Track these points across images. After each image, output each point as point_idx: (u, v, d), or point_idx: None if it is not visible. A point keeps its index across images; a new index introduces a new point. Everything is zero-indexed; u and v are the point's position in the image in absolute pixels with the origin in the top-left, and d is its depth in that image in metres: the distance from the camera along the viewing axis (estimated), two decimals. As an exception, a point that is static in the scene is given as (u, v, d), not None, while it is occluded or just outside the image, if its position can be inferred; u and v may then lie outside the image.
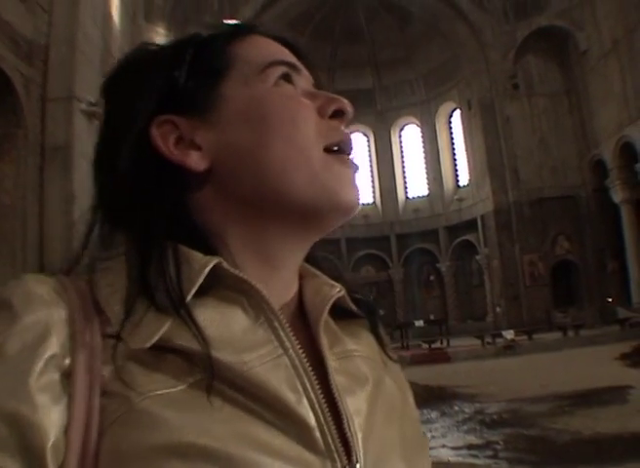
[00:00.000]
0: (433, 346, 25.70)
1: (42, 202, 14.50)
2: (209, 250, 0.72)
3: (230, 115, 0.76)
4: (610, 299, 29.69)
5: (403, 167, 42.33)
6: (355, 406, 0.72)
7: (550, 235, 32.54)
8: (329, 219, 0.79)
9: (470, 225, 36.39)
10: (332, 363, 0.73)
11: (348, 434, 0.68)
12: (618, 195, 29.25)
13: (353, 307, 0.84)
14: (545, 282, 32.19)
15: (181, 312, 0.65)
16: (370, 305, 0.89)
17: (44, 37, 16.07)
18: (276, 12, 34.14)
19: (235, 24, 0.87)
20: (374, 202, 41.81)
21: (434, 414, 11.85)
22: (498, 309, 33.22)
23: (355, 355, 0.79)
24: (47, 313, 0.64)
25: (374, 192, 42.03)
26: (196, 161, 0.75)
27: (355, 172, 0.82)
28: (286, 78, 0.80)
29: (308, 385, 0.68)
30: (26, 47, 15.21)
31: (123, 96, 0.78)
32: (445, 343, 27.18)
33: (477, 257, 36.14)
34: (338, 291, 0.80)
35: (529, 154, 33.15)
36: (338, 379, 0.72)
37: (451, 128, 40.35)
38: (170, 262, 0.69)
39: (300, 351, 0.70)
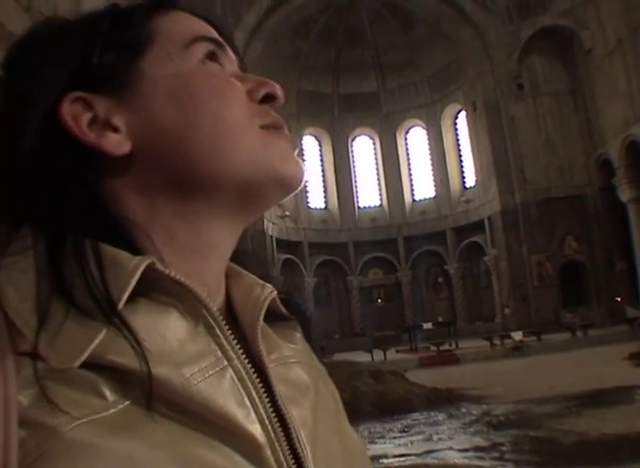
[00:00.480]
0: (442, 348, 25.60)
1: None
2: (131, 245, 0.64)
3: (152, 93, 0.69)
4: (619, 299, 29.60)
5: (409, 169, 42.31)
6: (301, 417, 0.67)
7: (558, 235, 32.46)
8: (270, 196, 0.73)
9: (477, 227, 36.35)
10: (272, 371, 0.67)
11: (299, 449, 0.64)
12: (625, 194, 29.16)
13: (283, 309, 0.78)
14: (554, 282, 32.12)
15: (115, 321, 0.56)
16: (299, 307, 0.84)
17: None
18: (280, 17, 34.23)
19: None
20: (380, 204, 41.83)
21: (441, 417, 11.84)
22: (506, 310, 33.16)
23: (292, 361, 0.74)
24: None
25: (380, 195, 42.04)
26: (115, 143, 0.66)
27: (295, 146, 0.75)
28: (212, 57, 0.74)
29: (257, 399, 0.62)
30: (30, 56, 15.32)
31: (29, 70, 0.68)
32: (453, 345, 27.08)
33: (485, 259, 36.09)
34: (270, 291, 0.74)
35: (535, 154, 33.10)
36: (280, 389, 0.66)
37: (456, 129, 40.31)
38: (91, 262, 0.59)
39: (246, 361, 0.64)
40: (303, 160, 0.75)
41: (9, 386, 0.53)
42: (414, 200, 41.65)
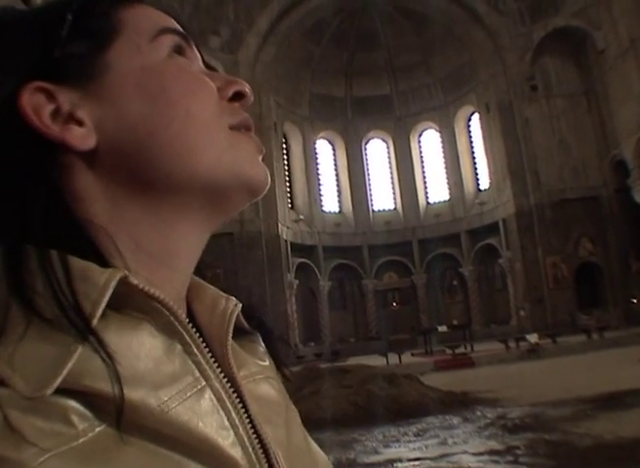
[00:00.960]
0: (457, 351, 25.54)
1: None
2: (96, 253, 0.59)
3: (120, 86, 0.65)
4: (634, 300, 29.45)
5: (423, 172, 42.29)
6: (276, 436, 0.65)
7: (573, 237, 32.34)
8: (236, 200, 0.70)
9: (492, 229, 36.27)
10: (244, 388, 0.64)
11: None
12: (640, 195, 29.05)
13: (245, 324, 0.75)
14: (569, 284, 31.99)
15: (90, 340, 0.51)
16: (260, 319, 0.81)
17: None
18: (292, 21, 34.31)
19: None
20: (395, 208, 41.82)
21: (456, 420, 11.81)
22: (521, 313, 33.07)
23: (259, 378, 0.71)
24: None
25: (394, 198, 42.04)
26: (79, 137, 0.62)
27: (260, 150, 0.73)
28: (178, 51, 0.71)
29: (237, 419, 0.60)
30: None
31: None
32: (469, 348, 27.01)
33: (500, 261, 36.00)
34: (235, 304, 0.71)
35: (549, 156, 33.01)
36: (253, 407, 0.63)
37: (470, 131, 40.27)
38: (57, 272, 0.54)
39: (225, 380, 0.61)
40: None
41: None
42: (428, 203, 41.62)
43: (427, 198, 41.83)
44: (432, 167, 42.20)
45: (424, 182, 42.14)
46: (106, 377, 0.51)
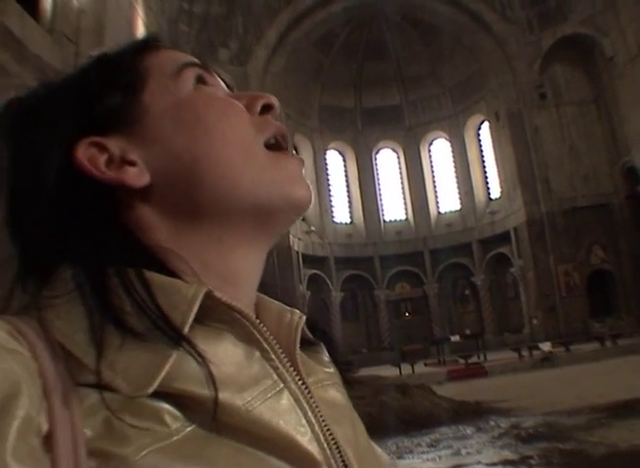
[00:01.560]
0: (470, 361, 25.45)
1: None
2: (173, 274, 0.65)
3: (159, 124, 0.72)
4: (649, 307, 29.33)
5: (434, 181, 42.27)
6: (345, 435, 0.69)
7: (585, 244, 32.24)
8: (282, 218, 0.76)
9: (504, 238, 36.20)
10: (315, 393, 0.69)
11: (350, 466, 0.67)
12: (651, 201, 28.97)
13: (309, 334, 0.81)
14: (581, 292, 31.86)
15: (184, 346, 0.58)
16: (326, 333, 0.87)
17: (71, 68, 16.34)
18: (301, 32, 34.44)
19: (139, 39, 0.82)
20: (406, 218, 41.79)
21: (470, 430, 11.75)
22: (534, 321, 32.95)
23: (327, 384, 0.76)
24: (10, 365, 0.53)
25: (405, 208, 42.00)
26: (135, 176, 0.69)
27: (301, 167, 0.78)
28: (201, 81, 0.77)
29: (312, 418, 0.65)
30: (55, 78, 15.51)
31: (33, 134, 0.71)
32: (482, 358, 26.92)
33: (512, 270, 35.91)
34: (299, 317, 0.76)
35: (559, 163, 32.96)
36: (323, 410, 0.68)
37: (480, 140, 40.24)
38: (139, 290, 0.61)
39: (300, 382, 0.67)
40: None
41: (74, 418, 0.54)
42: (439, 212, 41.59)
43: (438, 208, 41.79)
44: (443, 176, 42.17)
45: (435, 192, 42.11)
46: (197, 380, 0.57)
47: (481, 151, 40.21)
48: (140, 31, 22.19)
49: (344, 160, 42.03)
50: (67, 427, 0.53)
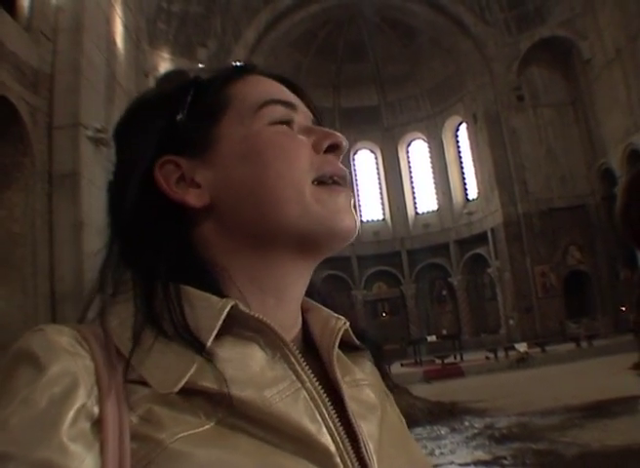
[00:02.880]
0: (447, 361, 25.54)
1: (51, 229, 14.61)
2: (216, 286, 0.76)
3: (227, 154, 0.80)
4: (623, 308, 29.46)
5: (411, 182, 42.28)
6: (369, 430, 0.76)
7: (561, 245, 32.39)
8: (325, 247, 0.84)
9: (481, 238, 36.29)
10: (346, 391, 0.78)
11: (366, 457, 0.73)
12: (627, 203, 29.06)
13: (355, 339, 0.89)
14: (558, 293, 31.99)
15: (204, 355, 0.68)
16: (374, 340, 0.95)
17: (49, 66, 16.23)
18: (279, 33, 34.35)
19: (234, 66, 0.91)
20: (383, 218, 41.79)
21: (444, 431, 11.80)
22: (511, 322, 33.08)
23: (363, 384, 0.84)
24: (72, 363, 0.66)
25: (383, 208, 42.00)
26: (195, 198, 0.79)
27: (348, 199, 0.85)
28: (281, 121, 0.84)
29: (326, 415, 0.72)
30: (32, 76, 15.36)
31: (128, 140, 0.83)
32: (458, 358, 27.01)
33: (489, 270, 36.02)
34: (344, 323, 0.86)
35: (536, 165, 33.09)
36: (352, 406, 0.76)
37: (458, 142, 40.30)
38: (178, 303, 0.72)
39: (317, 383, 0.74)
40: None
41: (122, 407, 0.66)
42: (417, 213, 41.62)
43: (416, 208, 41.80)
44: (420, 177, 42.15)
45: (413, 193, 42.12)
46: (219, 381, 0.68)
47: (459, 152, 40.28)
48: (119, 30, 22.06)
49: (322, 160, 41.94)
50: (115, 415, 0.65)
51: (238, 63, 0.92)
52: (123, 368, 0.69)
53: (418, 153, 42.25)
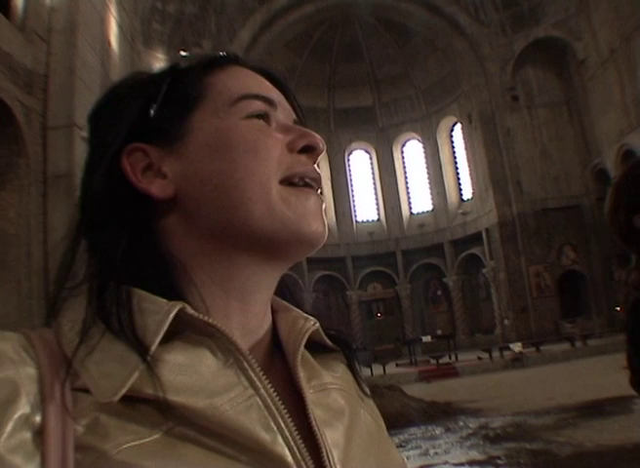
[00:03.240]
0: (441, 361, 25.56)
1: (46, 230, 14.61)
2: (172, 284, 0.72)
3: (197, 146, 0.76)
4: (618, 308, 29.50)
5: (406, 182, 42.33)
6: (334, 438, 0.72)
7: (556, 245, 32.45)
8: (291, 252, 0.78)
9: (475, 239, 36.34)
10: (310, 396, 0.74)
11: (328, 467, 0.69)
12: (621, 203, 29.11)
13: (328, 341, 0.85)
14: (552, 293, 32.05)
15: (148, 360, 0.64)
16: (346, 341, 0.90)
17: (43, 66, 16.24)
18: (274, 33, 34.35)
19: (214, 54, 0.85)
20: (378, 219, 41.83)
21: (439, 431, 11.81)
22: (506, 322, 33.12)
23: (332, 388, 0.80)
24: (14, 372, 0.62)
25: (378, 209, 42.05)
26: (159, 189, 0.75)
27: (319, 203, 0.81)
28: (258, 116, 0.79)
29: (282, 423, 0.68)
30: (26, 77, 15.36)
31: (99, 126, 0.80)
32: (453, 358, 27.03)
33: (483, 271, 36.05)
34: (313, 323, 0.81)
35: (531, 165, 33.16)
36: (316, 412, 0.73)
37: (452, 142, 40.35)
38: (127, 303, 0.68)
39: (272, 390, 0.69)
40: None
41: (67, 417, 0.62)
42: (411, 213, 41.66)
43: (411, 208, 41.85)
44: (415, 177, 42.24)
45: (407, 193, 42.18)
46: (164, 388, 0.64)
47: (454, 153, 40.34)
48: (114, 30, 22.04)
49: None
50: (59, 424, 0.61)
51: (220, 53, 0.87)
52: (68, 375, 0.65)
53: (412, 153, 42.31)
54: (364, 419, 0.82)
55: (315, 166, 0.83)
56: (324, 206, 0.83)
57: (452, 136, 40.39)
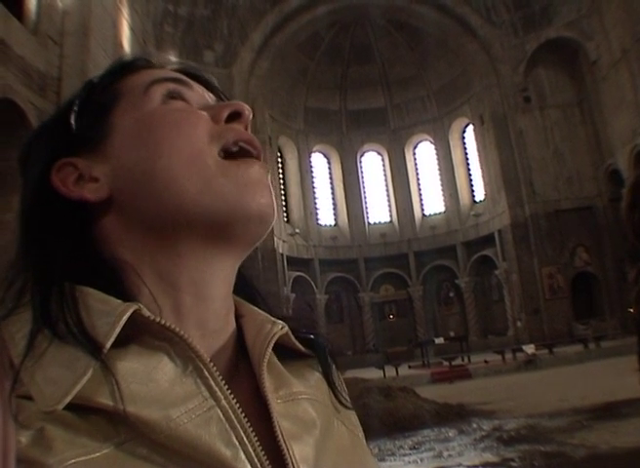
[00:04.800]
0: (454, 363, 25.48)
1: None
2: (122, 286, 0.68)
3: (120, 141, 0.73)
4: (631, 309, 29.34)
5: (418, 184, 42.30)
6: (302, 452, 0.67)
7: (569, 247, 32.35)
8: (238, 230, 0.72)
9: (488, 240, 36.26)
10: (277, 407, 0.69)
11: None
12: (635, 204, 28.99)
13: (299, 346, 0.80)
14: (565, 294, 31.95)
15: (99, 363, 0.59)
16: (320, 344, 0.84)
17: (56, 69, 16.30)
18: (286, 35, 34.41)
19: (125, 60, 0.83)
20: (390, 220, 41.80)
21: (452, 433, 11.76)
22: (518, 323, 33.02)
23: (302, 397, 0.74)
24: None
25: (390, 210, 42.02)
26: (91, 192, 0.72)
27: (263, 172, 0.75)
28: (174, 96, 0.77)
29: (245, 438, 0.62)
30: (39, 79, 15.43)
31: (28, 160, 0.78)
32: (466, 360, 26.96)
33: (496, 272, 35.96)
34: (280, 328, 0.75)
35: (543, 166, 33.08)
36: (283, 425, 0.68)
37: (464, 143, 40.29)
38: (73, 305, 0.63)
39: (234, 401, 0.64)
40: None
41: (7, 428, 0.55)
42: (423, 215, 41.61)
43: (423, 210, 41.81)
44: (427, 179, 42.21)
45: (420, 194, 42.14)
46: (116, 397, 0.58)
47: (466, 154, 40.27)
48: (126, 33, 22.13)
49: (329, 162, 42.01)
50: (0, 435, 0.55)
51: (130, 58, 0.84)
52: (12, 381, 0.59)
53: (424, 155, 42.27)
54: (337, 431, 0.78)
55: (249, 131, 0.78)
56: (269, 176, 0.77)
57: (464, 138, 40.33)
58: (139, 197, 0.70)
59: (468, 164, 40.12)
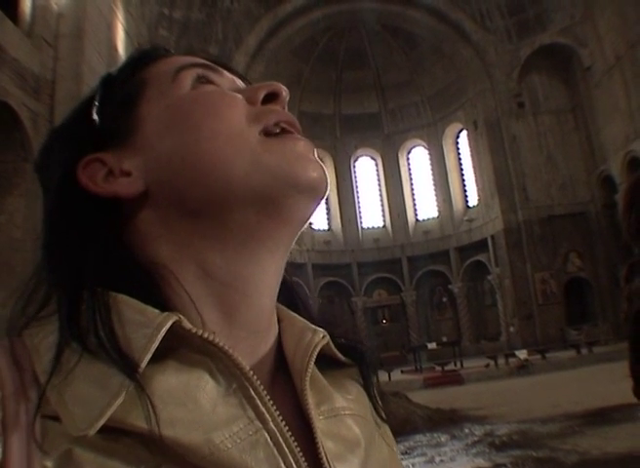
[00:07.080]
0: (446, 368, 25.49)
1: (52, 235, 14.62)
2: (158, 292, 0.64)
3: (151, 131, 0.70)
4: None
5: (412, 189, 42.25)
6: None
7: (561, 252, 32.38)
8: (291, 205, 0.68)
9: (481, 245, 36.25)
10: (320, 425, 0.65)
11: None
12: (627, 210, 29.03)
13: (340, 356, 0.76)
14: (558, 300, 31.96)
15: (135, 384, 0.54)
16: (361, 353, 0.81)
17: (50, 72, 16.27)
18: (280, 40, 34.42)
19: (144, 49, 0.81)
20: (384, 225, 41.76)
21: (444, 438, 11.76)
22: (511, 329, 33.03)
23: (345, 414, 0.71)
24: None
25: (383, 215, 41.98)
26: (125, 187, 0.68)
27: (310, 147, 0.73)
28: (203, 81, 0.74)
29: (294, 464, 0.59)
30: (33, 82, 15.39)
31: (46, 161, 0.74)
32: (458, 365, 26.96)
33: (489, 277, 35.95)
34: (322, 337, 0.72)
35: (537, 172, 33.12)
36: (327, 445, 0.64)
37: (458, 149, 40.27)
38: (106, 314, 0.59)
39: (283, 423, 0.60)
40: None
41: (33, 449, 0.53)
42: (417, 220, 41.60)
43: (416, 215, 41.79)
44: (421, 184, 42.19)
45: (413, 199, 42.11)
46: (152, 420, 0.54)
47: (459, 159, 40.27)
48: (121, 36, 22.10)
49: (323, 167, 41.90)
50: (23, 458, 0.52)
51: (147, 48, 0.82)
52: (37, 399, 0.55)
53: (418, 160, 42.24)
54: (379, 447, 0.75)
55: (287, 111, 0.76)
56: (317, 153, 0.74)
57: (457, 143, 40.33)
58: (180, 186, 0.67)
59: (462, 169, 40.12)
